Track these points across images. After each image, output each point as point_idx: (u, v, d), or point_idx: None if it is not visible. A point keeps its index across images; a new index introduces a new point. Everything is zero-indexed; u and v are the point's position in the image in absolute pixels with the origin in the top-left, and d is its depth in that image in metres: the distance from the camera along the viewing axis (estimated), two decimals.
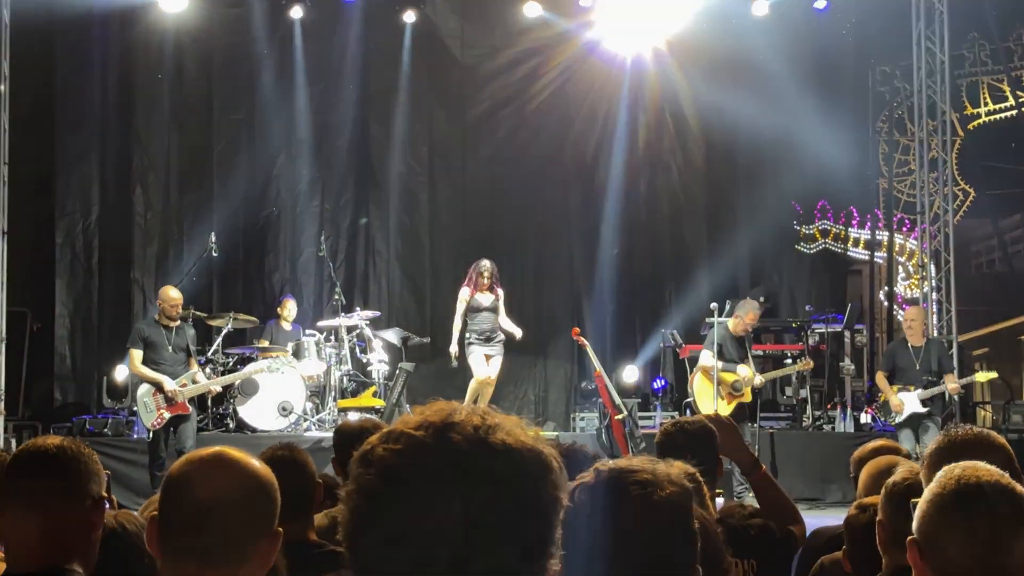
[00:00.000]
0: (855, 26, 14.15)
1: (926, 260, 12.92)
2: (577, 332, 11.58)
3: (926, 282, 12.83)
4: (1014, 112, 14.59)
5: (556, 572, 1.67)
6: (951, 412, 10.73)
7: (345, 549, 1.32)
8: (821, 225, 14.33)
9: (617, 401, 10.82)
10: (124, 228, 12.80)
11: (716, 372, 10.45)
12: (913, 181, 13.87)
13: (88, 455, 2.33)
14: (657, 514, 1.67)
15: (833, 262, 14.45)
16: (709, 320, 11.12)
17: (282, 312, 11.78)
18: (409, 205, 13.51)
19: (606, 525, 1.65)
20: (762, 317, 11.27)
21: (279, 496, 1.96)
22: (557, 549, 1.33)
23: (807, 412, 11.71)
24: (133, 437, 10.38)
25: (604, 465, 1.80)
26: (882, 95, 14.76)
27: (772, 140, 13.78)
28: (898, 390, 9.96)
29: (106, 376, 11.77)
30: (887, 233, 14.28)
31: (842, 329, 12.57)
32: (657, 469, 1.76)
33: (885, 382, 10.12)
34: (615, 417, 10.71)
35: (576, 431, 11.94)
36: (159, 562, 1.89)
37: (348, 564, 1.32)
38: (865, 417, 11.79)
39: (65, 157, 12.68)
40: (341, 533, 1.33)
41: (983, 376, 10.83)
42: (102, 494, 2.32)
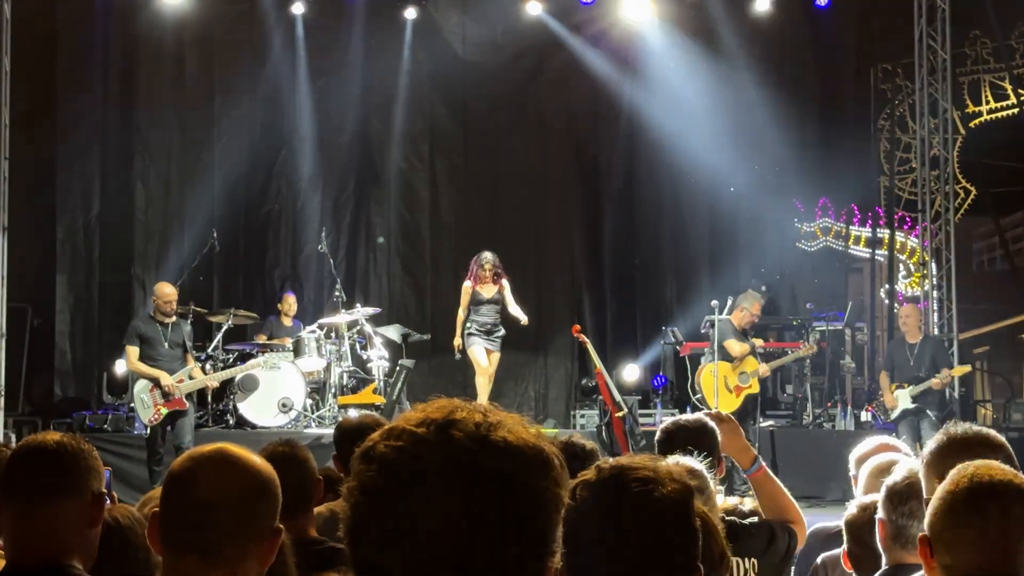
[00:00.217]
0: (857, 23, 14.14)
1: (927, 258, 12.92)
2: (578, 329, 11.57)
3: (927, 280, 12.82)
4: (1016, 110, 14.56)
5: (558, 569, 1.67)
6: (951, 411, 10.75)
7: (346, 546, 1.32)
8: (822, 223, 14.31)
9: (617, 398, 10.81)
10: (125, 224, 12.80)
11: (717, 372, 10.48)
12: (914, 179, 13.86)
13: (88, 451, 2.33)
14: (658, 511, 1.66)
15: (834, 260, 14.44)
16: (710, 318, 11.12)
17: (283, 308, 11.80)
18: (410, 201, 13.51)
19: (607, 522, 1.65)
20: (763, 316, 11.28)
21: (280, 493, 1.96)
22: (558, 546, 1.33)
23: (807, 410, 11.72)
24: (133, 433, 10.38)
25: (605, 462, 1.80)
26: (884, 93, 14.75)
27: (773, 137, 13.79)
28: (895, 388, 10.23)
29: (106, 372, 11.78)
30: (888, 231, 14.27)
31: (843, 327, 12.58)
32: (658, 466, 1.76)
33: (885, 380, 10.47)
34: (615, 414, 10.70)
35: (576, 428, 11.94)
36: (161, 558, 1.89)
37: (349, 561, 1.32)
38: (865, 415, 11.79)
39: (66, 153, 12.67)
40: (342, 530, 1.32)
41: (958, 370, 10.85)
42: (102, 490, 2.32)
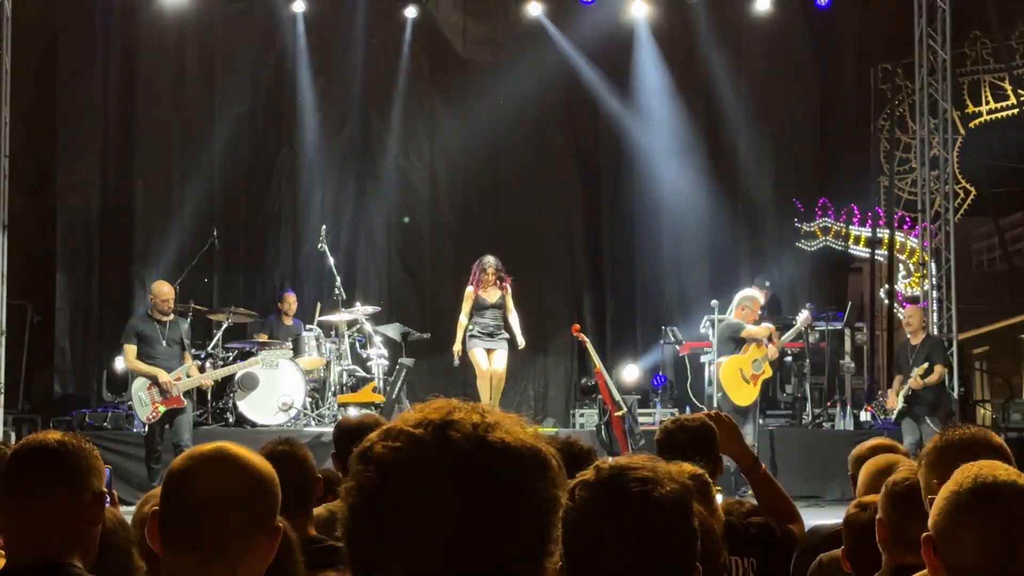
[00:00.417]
0: (857, 23, 14.13)
1: (927, 258, 12.92)
2: (577, 328, 11.57)
3: (926, 280, 12.82)
4: (1016, 111, 14.55)
5: (556, 570, 1.67)
6: (951, 411, 10.76)
7: (344, 546, 1.32)
8: (822, 223, 14.30)
9: (617, 398, 10.82)
10: (125, 222, 12.79)
11: (716, 368, 10.48)
12: (914, 179, 13.86)
13: (89, 450, 2.33)
14: (657, 512, 1.67)
15: (834, 260, 14.43)
16: (709, 317, 11.13)
17: (283, 307, 11.79)
18: (410, 199, 13.50)
19: (606, 523, 1.65)
20: (762, 316, 11.27)
21: (280, 492, 1.96)
22: (556, 547, 1.33)
23: (807, 410, 11.71)
24: (132, 431, 10.36)
25: (604, 463, 1.80)
26: (884, 92, 14.74)
27: (773, 137, 13.79)
28: (899, 388, 10.32)
29: (106, 370, 11.78)
30: (888, 231, 14.26)
31: (842, 327, 12.58)
32: (657, 467, 1.76)
33: (895, 382, 10.48)
34: (615, 414, 10.71)
35: (576, 428, 11.94)
36: (143, 562, 1.89)
37: (346, 560, 1.32)
38: (865, 415, 11.79)
39: (66, 150, 12.67)
40: (340, 530, 1.33)
41: (920, 370, 10.75)
42: (103, 489, 2.33)
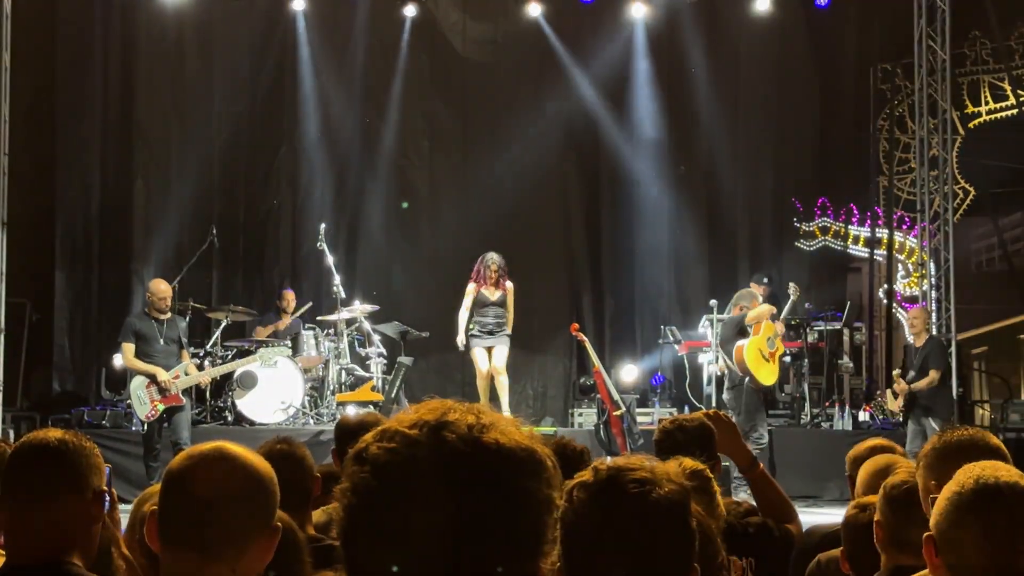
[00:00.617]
0: (856, 23, 14.13)
1: (925, 258, 12.92)
2: (576, 328, 11.57)
3: (925, 280, 12.82)
4: (1015, 111, 14.56)
5: (551, 570, 1.67)
6: (950, 412, 10.75)
7: (340, 547, 1.32)
8: (821, 222, 14.31)
9: (615, 397, 10.82)
10: (124, 219, 12.80)
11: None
12: (913, 179, 13.86)
13: (89, 449, 2.34)
14: (655, 513, 1.67)
15: (833, 259, 14.44)
16: (708, 316, 11.13)
17: (282, 305, 11.79)
18: (409, 198, 13.50)
19: (604, 523, 1.65)
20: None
21: (278, 491, 1.96)
22: (551, 547, 1.33)
23: (805, 410, 11.72)
24: (131, 429, 10.36)
25: (602, 463, 1.80)
26: (883, 92, 14.74)
27: (773, 136, 13.80)
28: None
29: (105, 368, 11.78)
30: (887, 231, 14.27)
31: (841, 327, 12.58)
32: (656, 467, 1.76)
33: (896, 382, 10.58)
34: (613, 413, 10.71)
35: (574, 427, 11.94)
36: (159, 555, 1.90)
37: (342, 561, 1.33)
38: (863, 415, 11.80)
39: (66, 148, 12.67)
40: (335, 531, 1.33)
41: (896, 374, 10.81)
42: (103, 487, 2.33)
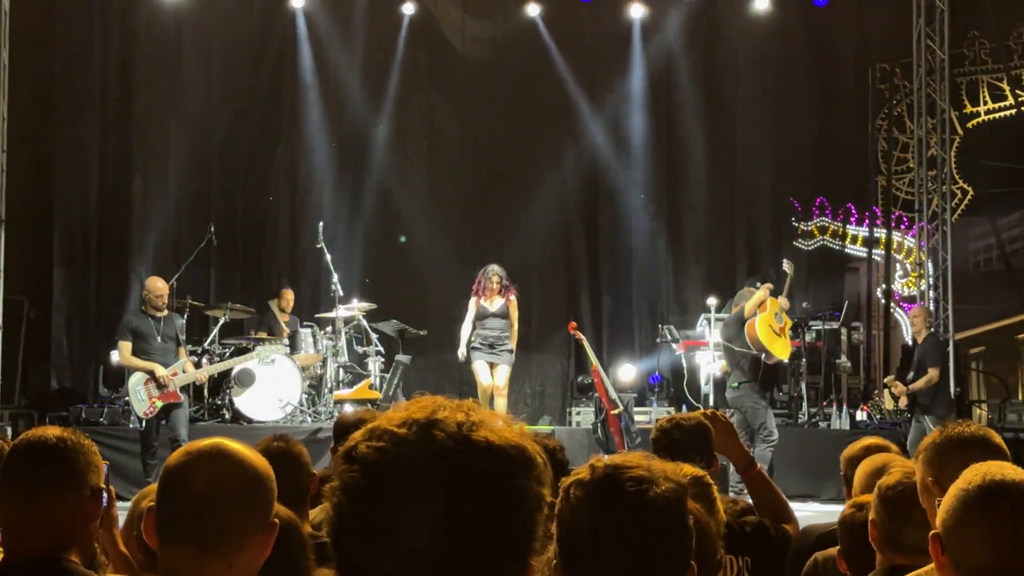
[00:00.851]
0: (855, 23, 14.14)
1: (924, 258, 12.93)
2: (574, 326, 11.57)
3: (923, 280, 12.83)
4: (1013, 111, 14.57)
5: (551, 569, 1.67)
6: (949, 410, 10.77)
7: (331, 545, 1.33)
8: (819, 222, 14.31)
9: (613, 396, 10.82)
10: (122, 217, 12.78)
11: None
12: (912, 179, 13.87)
13: (88, 446, 2.34)
14: (652, 511, 1.67)
15: (831, 259, 14.44)
16: (707, 316, 11.13)
17: (281, 303, 11.78)
18: (407, 196, 13.49)
19: (601, 522, 1.65)
20: None
21: (275, 488, 1.97)
22: (542, 545, 1.33)
23: (803, 409, 11.72)
24: (129, 426, 10.34)
25: (599, 461, 1.80)
26: (882, 92, 14.75)
27: (771, 135, 13.80)
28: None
29: (103, 365, 11.76)
30: (885, 231, 14.27)
31: (839, 326, 12.59)
32: (653, 466, 1.76)
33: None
34: (611, 412, 10.71)
35: (572, 426, 11.95)
36: (158, 551, 1.90)
37: (333, 560, 1.33)
38: (861, 414, 11.80)
39: (64, 145, 12.66)
40: (326, 529, 1.33)
41: (890, 379, 10.85)
42: (101, 485, 2.33)
